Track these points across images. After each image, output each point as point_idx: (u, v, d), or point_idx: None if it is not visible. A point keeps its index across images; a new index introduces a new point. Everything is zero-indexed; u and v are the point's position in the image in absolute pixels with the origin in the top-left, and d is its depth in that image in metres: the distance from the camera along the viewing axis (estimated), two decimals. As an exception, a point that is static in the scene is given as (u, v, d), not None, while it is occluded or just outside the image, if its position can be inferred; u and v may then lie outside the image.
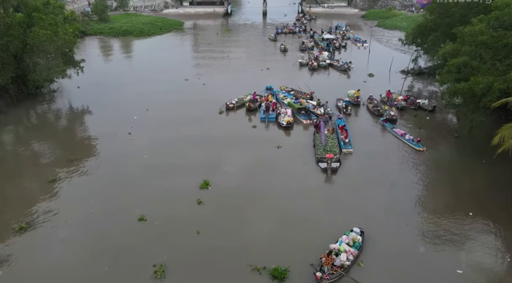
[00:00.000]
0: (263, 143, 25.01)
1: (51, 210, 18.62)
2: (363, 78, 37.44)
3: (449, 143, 25.72)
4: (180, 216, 18.24)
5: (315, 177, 21.43)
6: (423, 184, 21.05)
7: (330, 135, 24.61)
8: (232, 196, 19.52)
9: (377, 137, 26.32)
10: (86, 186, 20.62)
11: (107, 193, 19.94)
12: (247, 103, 29.82)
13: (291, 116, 27.68)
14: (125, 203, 18.99)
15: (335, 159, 21.87)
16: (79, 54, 46.37)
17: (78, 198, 19.53)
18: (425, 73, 38.33)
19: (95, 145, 25.04)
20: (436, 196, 20.11)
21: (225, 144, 24.59)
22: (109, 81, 36.35)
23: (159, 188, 20.16)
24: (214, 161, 22.63)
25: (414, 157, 23.34)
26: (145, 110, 29.51)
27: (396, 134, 25.56)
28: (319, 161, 22.04)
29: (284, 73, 39.33)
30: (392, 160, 23.19)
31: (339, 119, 27.61)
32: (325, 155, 22.10)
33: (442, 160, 23.66)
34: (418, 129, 26.31)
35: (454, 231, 17.34)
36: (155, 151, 23.82)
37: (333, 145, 23.35)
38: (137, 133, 26.06)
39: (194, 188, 20.11)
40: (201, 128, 26.62)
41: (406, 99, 30.51)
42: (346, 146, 24.24)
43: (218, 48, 50.21)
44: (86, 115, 29.77)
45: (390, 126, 26.49)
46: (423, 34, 35.70)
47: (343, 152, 23.88)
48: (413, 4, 78.86)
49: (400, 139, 25.16)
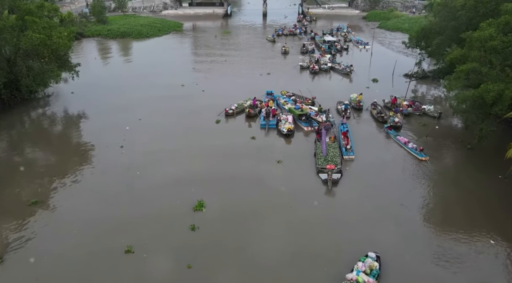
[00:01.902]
0: (262, 156, 23.25)
1: (25, 240, 16.50)
2: (366, 83, 36.45)
3: (459, 154, 24.20)
4: (172, 245, 16.32)
5: (316, 191, 20.12)
6: (433, 201, 19.60)
7: (331, 144, 23.66)
8: (228, 220, 17.74)
9: (380, 144, 25.36)
10: (69, 209, 18.57)
11: (92, 219, 17.82)
12: (246, 109, 28.91)
13: (292, 123, 26.76)
14: (111, 231, 17.03)
15: (336, 169, 20.91)
16: (76, 57, 45.74)
17: (58, 224, 17.55)
18: (429, 77, 37.48)
19: (85, 158, 23.28)
20: (448, 214, 18.66)
21: (222, 159, 22.77)
22: (105, 86, 35.37)
23: (149, 211, 18.30)
24: (210, 178, 20.83)
25: (418, 168, 22.15)
26: (138, 119, 27.96)
27: (399, 142, 24.58)
28: (320, 172, 21.08)
29: (284, 77, 38.42)
30: (394, 170, 22.11)
31: (342, 125, 26.73)
32: (325, 166, 21.14)
33: (453, 173, 22.29)
34: (426, 137, 25.30)
35: (476, 260, 15.70)
36: (146, 168, 21.91)
37: (335, 155, 22.37)
38: (129, 146, 24.29)
39: (187, 210, 18.30)
40: (196, 141, 24.90)
41: (411, 104, 29.55)
42: (347, 152, 23.36)
43: (217, 51, 49.31)
44: (79, 124, 28.36)
45: (394, 134, 25.53)
46: (427, 37, 34.82)
47: (344, 158, 23.03)
48: (415, 5, 78.09)
49: (403, 147, 24.17)
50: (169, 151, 23.71)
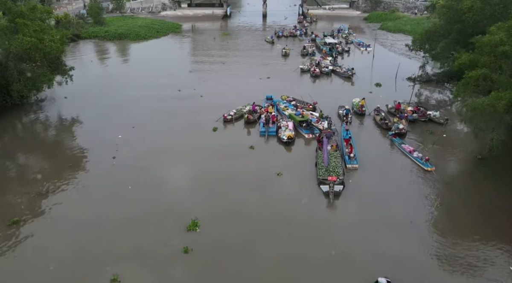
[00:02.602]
0: (261, 168, 21.94)
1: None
2: (368, 87, 35.47)
3: (469, 165, 22.82)
4: (163, 273, 15.01)
5: (317, 206, 19.00)
6: (443, 218, 18.22)
7: (333, 153, 22.61)
8: (224, 240, 16.55)
9: (384, 153, 24.30)
10: (51, 232, 17.10)
11: (76, 241, 16.38)
12: (245, 115, 27.92)
13: (292, 130, 25.78)
14: (96, 256, 15.65)
15: (338, 181, 19.87)
16: (72, 59, 44.88)
17: (38, 248, 16.05)
18: (433, 81, 36.46)
19: (73, 171, 21.82)
20: (461, 234, 17.03)
21: (218, 173, 21.32)
22: (99, 90, 34.32)
23: (139, 232, 17.00)
24: (204, 194, 19.48)
25: (424, 179, 20.98)
26: (131, 127, 26.78)
27: (404, 151, 23.51)
28: (321, 183, 20.04)
29: (285, 80, 37.39)
30: (400, 181, 20.98)
31: (345, 131, 25.76)
32: (327, 177, 20.10)
33: (463, 185, 20.95)
34: (432, 146, 24.25)
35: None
36: (138, 182, 20.58)
37: (336, 165, 21.29)
38: (121, 157, 23.08)
39: (180, 229, 17.01)
40: (191, 152, 23.58)
41: (416, 110, 28.42)
42: (351, 161, 22.38)
43: (215, 54, 48.19)
44: (70, 132, 27.19)
45: (399, 142, 24.47)
46: (431, 40, 33.85)
47: (347, 167, 22.10)
48: (416, 6, 77.13)
49: (408, 156, 23.12)
50: (162, 163, 22.46)
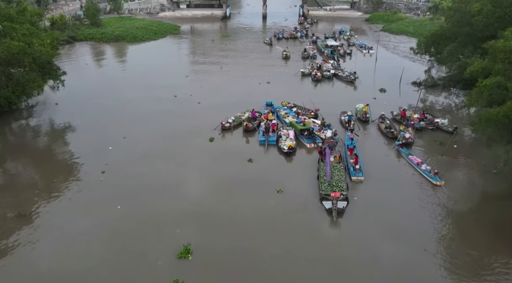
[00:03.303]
0: (260, 184, 20.30)
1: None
2: (371, 91, 34.14)
3: (483, 180, 20.97)
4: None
5: (319, 225, 17.70)
6: (456, 242, 16.58)
7: (336, 165, 21.31)
8: (220, 270, 15.10)
9: (390, 164, 22.92)
10: (24, 263, 15.42)
11: (56, 274, 14.85)
12: (244, 123, 26.64)
13: (293, 139, 24.50)
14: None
15: (341, 197, 18.55)
16: (67, 62, 43.78)
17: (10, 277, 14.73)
18: (439, 85, 35.11)
19: (59, 188, 20.17)
20: (479, 262, 15.47)
21: (213, 191, 19.84)
22: (93, 95, 32.90)
23: (124, 261, 15.48)
24: (198, 216, 17.98)
25: (433, 195, 19.51)
26: (122, 137, 25.26)
27: (411, 162, 22.13)
28: (323, 199, 18.75)
29: (285, 85, 36.10)
30: (407, 196, 19.52)
31: (349, 140, 24.48)
32: (330, 192, 18.82)
33: (476, 203, 19.17)
34: (441, 157, 22.95)
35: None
36: (127, 201, 19.02)
37: (340, 179, 19.94)
38: (110, 170, 21.60)
39: (170, 257, 15.51)
40: (185, 167, 22.09)
41: (422, 118, 27.07)
42: (356, 173, 21.13)
43: (214, 57, 46.73)
44: (58, 142, 25.73)
45: (406, 152, 23.12)
46: (437, 43, 32.65)
47: (352, 179, 20.87)
48: (419, 7, 75.86)
49: (416, 169, 21.75)
50: (152, 180, 20.83)
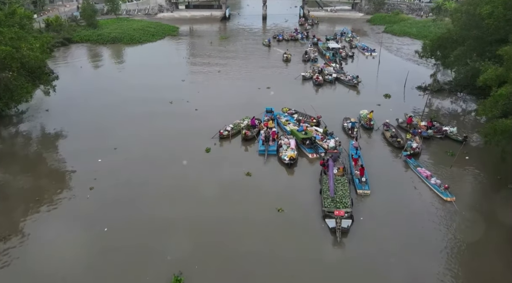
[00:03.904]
0: (259, 203, 18.77)
1: None
2: (375, 96, 32.81)
3: (499, 197, 19.39)
4: None
5: (322, 246, 16.44)
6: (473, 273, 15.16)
7: (340, 178, 20.05)
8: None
9: (397, 176, 21.59)
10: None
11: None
12: (243, 131, 25.39)
13: (295, 149, 23.24)
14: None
15: (346, 215, 17.27)
16: (62, 65, 42.57)
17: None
18: (445, 90, 33.83)
19: (40, 209, 18.51)
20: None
21: (208, 210, 18.19)
22: (85, 101, 31.57)
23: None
24: (191, 240, 16.52)
25: (444, 212, 18.23)
26: (113, 148, 23.83)
27: (420, 176, 20.84)
28: (326, 216, 17.50)
29: (286, 90, 34.79)
30: (417, 213, 18.14)
31: (353, 148, 23.28)
32: (333, 209, 17.59)
33: (491, 223, 17.42)
34: (450, 168, 21.70)
35: None
36: (115, 221, 17.60)
37: (344, 194, 18.62)
38: (98, 187, 20.10)
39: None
40: (177, 182, 20.59)
41: (430, 126, 25.79)
42: (362, 186, 19.91)
43: (212, 60, 45.14)
44: (45, 153, 24.33)
45: (414, 164, 21.83)
46: (444, 46, 31.38)
47: (358, 192, 19.65)
48: (421, 7, 74.61)
49: (424, 182, 20.43)
50: (143, 197, 19.34)
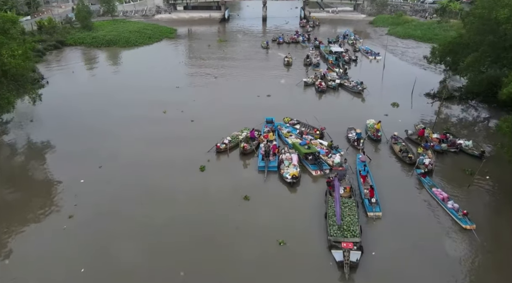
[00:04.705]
0: (257, 235, 16.71)
1: None
2: (382, 105, 30.80)
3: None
4: None
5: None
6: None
7: (347, 200, 18.17)
8: None
9: (411, 197, 19.39)
10: None
11: None
12: (241, 144, 23.61)
13: (297, 165, 21.43)
14: None
15: (355, 248, 15.37)
16: (51, 70, 40.73)
17: None
18: (455, 97, 31.98)
19: (6, 242, 16.35)
20: None
21: (200, 249, 15.90)
22: (73, 110, 29.42)
23: None
24: (183, 279, 14.55)
25: (464, 243, 16.23)
26: (98, 166, 21.78)
27: (435, 197, 18.87)
28: (332, 247, 15.66)
29: (287, 97, 32.90)
30: (434, 243, 16.19)
31: (361, 163, 21.51)
32: (340, 238, 15.75)
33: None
34: (468, 188, 19.86)
35: None
36: (94, 260, 15.47)
37: (352, 221, 16.66)
38: (78, 213, 17.98)
39: None
40: (167, 207, 18.38)
41: (443, 139, 23.90)
42: (372, 207, 18.10)
43: (209, 65, 43.11)
44: (23, 171, 22.30)
45: (429, 183, 19.85)
46: (455, 52, 29.60)
47: (368, 215, 17.88)
48: (425, 9, 72.82)
49: (440, 205, 18.48)
50: (125, 229, 17.11)
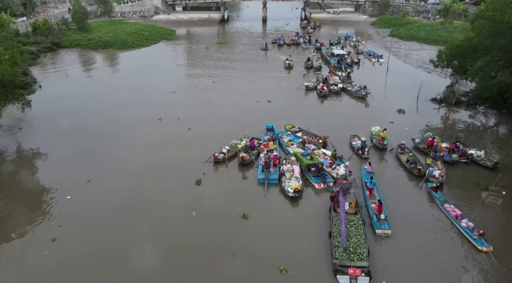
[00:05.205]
0: (256, 261, 15.29)
1: None
2: (387, 111, 29.61)
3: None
4: None
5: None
6: None
7: (353, 217, 16.94)
8: None
9: (421, 214, 18.00)
10: None
11: None
12: (240, 154, 22.39)
13: (300, 178, 20.21)
14: None
15: (363, 274, 14.13)
16: (45, 73, 39.59)
17: None
18: (462, 103, 30.78)
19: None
20: None
21: (192, 274, 14.63)
22: (65, 116, 28.01)
23: None
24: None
25: (481, 268, 14.88)
26: (86, 180, 20.27)
27: (448, 215, 17.57)
28: (338, 271, 14.43)
29: (288, 102, 31.65)
30: (447, 263, 15.07)
31: (367, 174, 20.32)
32: (346, 261, 14.53)
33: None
34: (482, 203, 18.64)
35: None
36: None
37: (359, 242, 15.43)
38: (63, 235, 16.36)
39: None
40: (160, 228, 16.95)
41: (453, 148, 22.64)
42: (381, 224, 16.86)
43: (207, 69, 41.77)
44: (7, 185, 20.44)
45: (441, 198, 18.54)
46: (463, 56, 28.42)
47: (377, 233, 16.69)
48: (428, 9, 71.66)
49: (454, 223, 17.15)
50: (113, 255, 15.52)
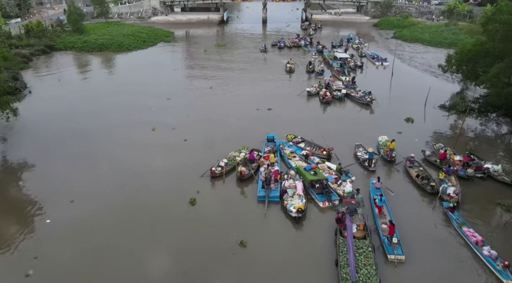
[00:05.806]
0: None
1: None
2: (395, 122, 27.73)
3: None
4: None
5: None
6: None
7: (362, 242, 15.41)
8: None
9: (437, 237, 16.36)
10: None
11: None
12: (238, 169, 20.84)
13: (303, 196, 18.62)
14: None
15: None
16: (38, 77, 38.12)
17: None
18: (473, 110, 29.17)
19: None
20: None
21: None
22: (53, 126, 26.41)
23: None
24: None
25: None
26: (70, 200, 18.47)
27: (467, 240, 15.88)
28: None
29: (289, 110, 29.98)
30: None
31: (376, 190, 18.81)
32: None
33: None
34: (504, 227, 17.03)
35: None
36: None
37: (370, 273, 13.91)
38: (38, 273, 14.48)
39: None
40: (147, 258, 15.12)
41: (467, 161, 21.07)
42: (393, 248, 15.27)
43: (205, 72, 40.33)
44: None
45: (458, 221, 16.88)
46: (475, 61, 26.87)
47: (389, 259, 15.12)
48: (431, 10, 70.12)
49: (474, 251, 15.47)
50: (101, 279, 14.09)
